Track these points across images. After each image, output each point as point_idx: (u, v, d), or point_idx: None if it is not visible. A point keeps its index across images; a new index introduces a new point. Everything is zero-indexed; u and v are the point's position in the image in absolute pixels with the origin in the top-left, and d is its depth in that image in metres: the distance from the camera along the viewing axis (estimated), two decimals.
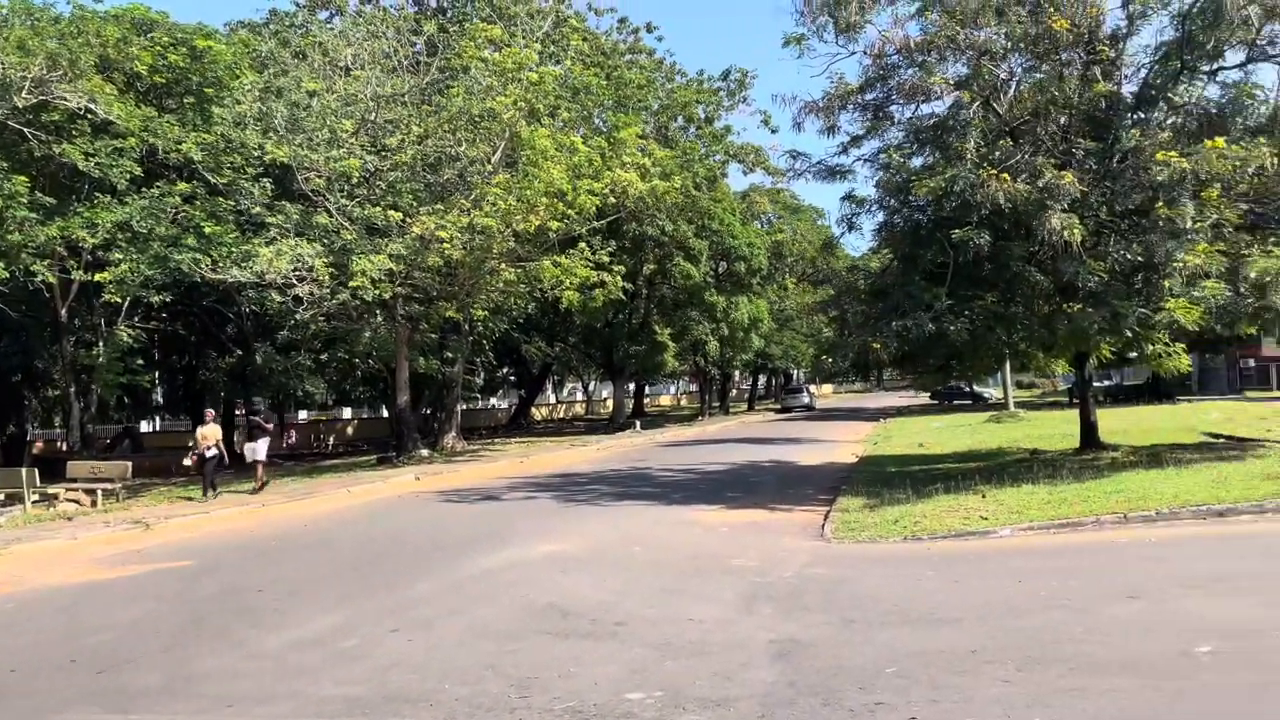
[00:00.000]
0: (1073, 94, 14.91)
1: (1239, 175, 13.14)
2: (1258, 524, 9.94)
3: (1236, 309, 13.41)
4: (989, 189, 13.52)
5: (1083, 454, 17.52)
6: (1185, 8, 14.46)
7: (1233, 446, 17.36)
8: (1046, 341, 15.45)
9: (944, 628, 6.73)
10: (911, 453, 23.23)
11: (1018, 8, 15.09)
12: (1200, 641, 5.71)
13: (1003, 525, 10.79)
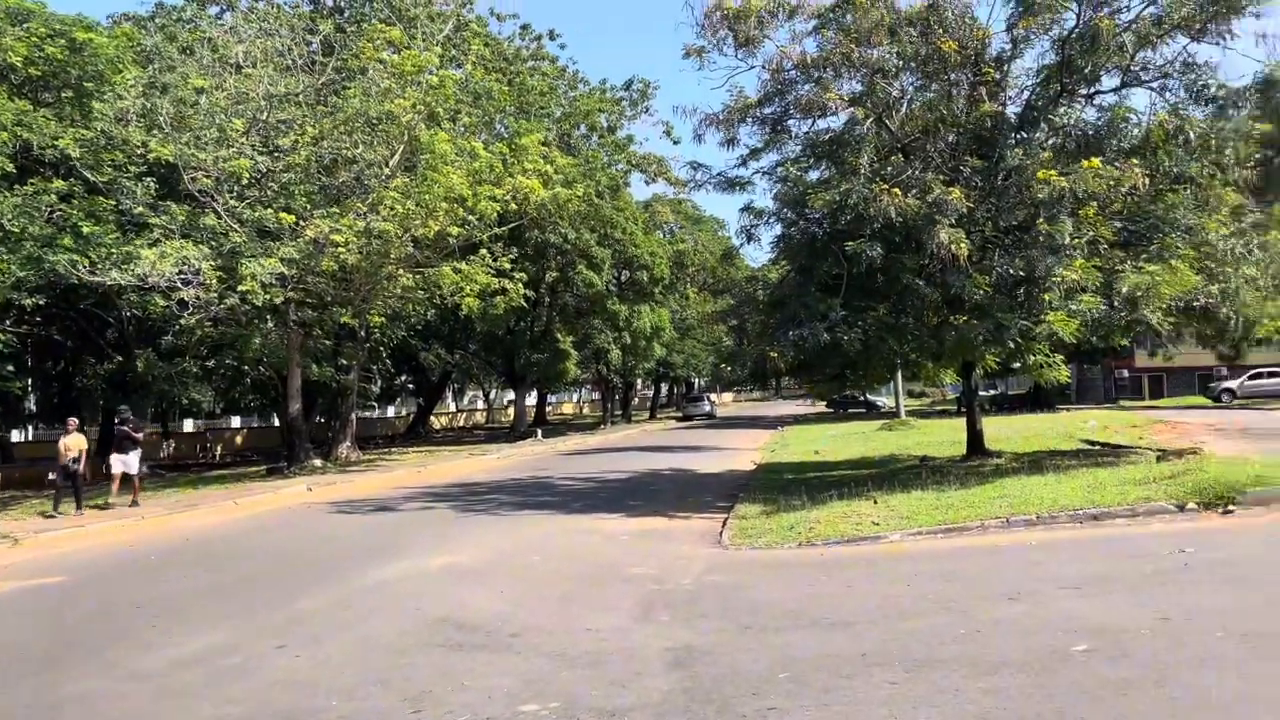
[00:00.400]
0: (960, 113, 15.47)
1: (1113, 194, 13.82)
2: (1130, 527, 10.43)
3: (1111, 322, 14.06)
4: (881, 203, 13.91)
5: (969, 460, 18.13)
6: (1065, 33, 15.17)
7: (1108, 453, 18.21)
8: (935, 352, 15.96)
9: (836, 632, 6.85)
10: (808, 460, 23.67)
11: (909, 28, 15.60)
12: (1076, 641, 5.94)
13: (893, 530, 11.07)
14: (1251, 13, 14.12)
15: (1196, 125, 14.45)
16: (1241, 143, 14.98)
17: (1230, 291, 14.23)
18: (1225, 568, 7.83)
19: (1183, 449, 16.82)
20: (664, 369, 59.28)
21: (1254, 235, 15.44)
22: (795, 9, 16.33)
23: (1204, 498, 11.04)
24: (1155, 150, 14.51)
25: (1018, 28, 15.40)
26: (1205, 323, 15.33)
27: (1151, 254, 14.51)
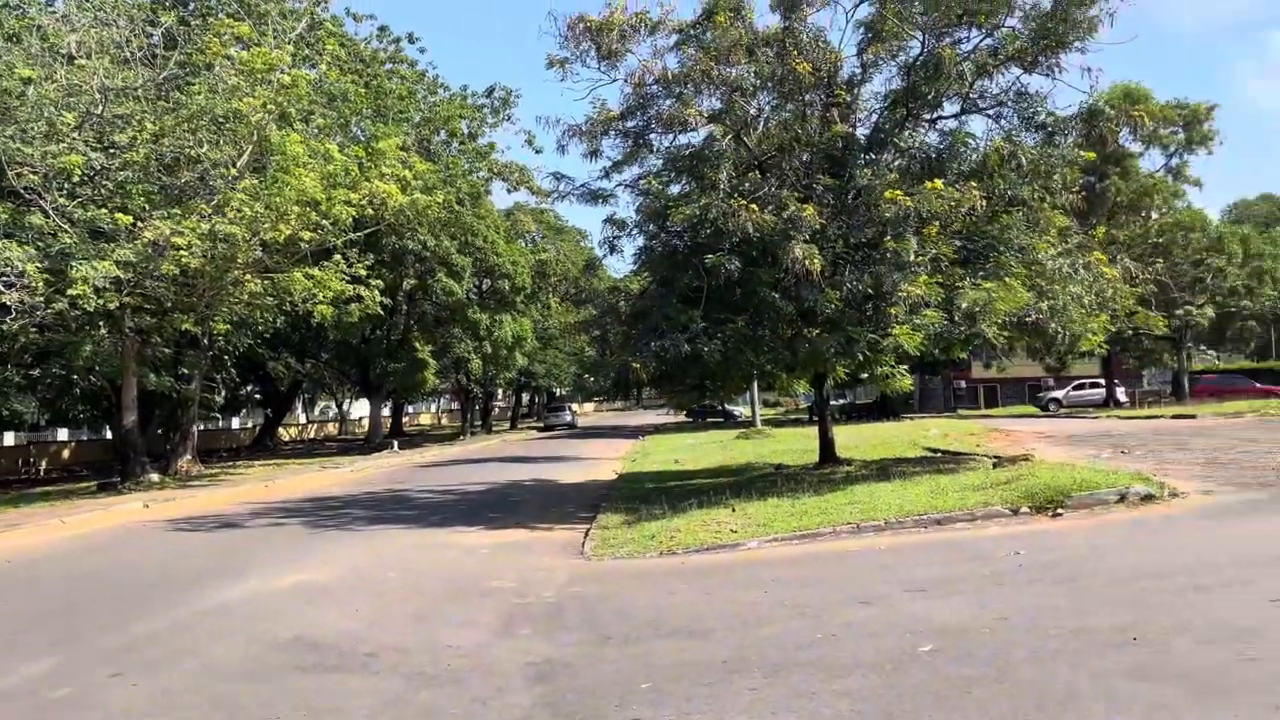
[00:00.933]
0: (814, 133, 16.02)
1: (954, 214, 14.57)
2: (970, 531, 11.00)
3: (951, 335, 14.80)
4: (739, 218, 14.25)
5: (822, 468, 18.74)
6: (911, 60, 15.94)
7: (948, 459, 19.17)
8: (790, 363, 16.43)
9: (697, 640, 6.93)
10: (668, 469, 23.95)
11: (766, 49, 16.07)
12: (923, 641, 6.21)
13: (751, 538, 11.31)
14: (1077, 48, 15.18)
15: (1028, 151, 15.42)
16: (1068, 169, 16.05)
17: (1058, 308, 15.20)
18: (1056, 568, 8.34)
19: (1016, 456, 17.85)
20: (526, 379, 58.86)
21: (1079, 255, 16.57)
22: (657, 25, 16.56)
23: (1036, 502, 11.75)
24: (992, 174, 15.39)
25: (867, 53, 16.09)
26: (1035, 337, 16.34)
27: (988, 272, 15.37)
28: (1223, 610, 6.30)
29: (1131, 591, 7.11)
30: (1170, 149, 48.10)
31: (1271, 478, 13.22)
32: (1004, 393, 66.68)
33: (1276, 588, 6.72)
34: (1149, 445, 19.83)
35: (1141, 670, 5.21)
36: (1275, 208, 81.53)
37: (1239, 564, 7.73)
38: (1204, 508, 11.14)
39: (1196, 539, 9.30)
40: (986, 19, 15.34)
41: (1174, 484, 12.69)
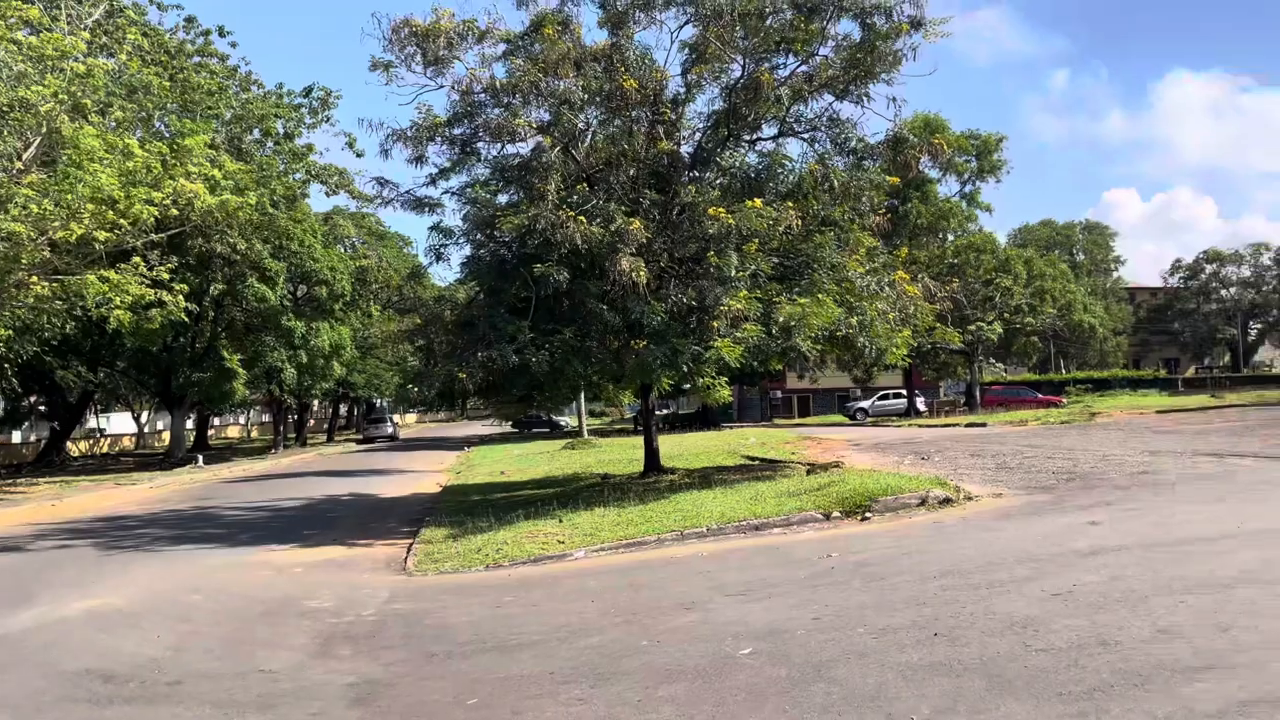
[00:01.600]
0: (640, 149, 16.33)
1: (772, 232, 15.19)
2: (786, 535, 11.46)
3: (769, 348, 15.36)
4: (568, 230, 14.33)
5: (647, 477, 19.03)
6: (732, 83, 16.52)
7: (766, 467, 19.89)
8: (617, 374, 16.64)
9: (524, 652, 6.90)
10: (494, 480, 23.69)
11: (594, 64, 16.26)
12: (743, 645, 6.42)
13: (578, 548, 11.37)
14: (884, 78, 16.17)
15: (840, 175, 16.27)
16: (875, 192, 17.03)
17: (866, 323, 16.08)
18: (865, 569, 8.81)
19: (828, 463, 18.75)
20: (344, 389, 56.78)
21: (885, 274, 17.59)
22: (484, 33, 16.47)
23: (845, 506, 12.39)
24: (807, 195, 16.15)
25: (691, 73, 16.55)
26: (845, 350, 17.21)
27: (803, 288, 16.08)
28: (1012, 604, 6.84)
29: (931, 589, 7.60)
30: (965, 176, 51.94)
31: (1052, 481, 14.45)
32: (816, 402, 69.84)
33: (1057, 583, 7.36)
34: (946, 452, 21.25)
35: (943, 664, 5.58)
36: (1054, 232, 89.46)
37: (1025, 561, 8.41)
38: (995, 509, 12.05)
39: (988, 539, 10.05)
40: (803, 47, 16.11)
41: (969, 488, 13.68)
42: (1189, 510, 10.43)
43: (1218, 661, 5.06)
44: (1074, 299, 57.48)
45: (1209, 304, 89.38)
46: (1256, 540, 8.28)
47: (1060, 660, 5.39)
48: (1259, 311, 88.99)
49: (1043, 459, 17.83)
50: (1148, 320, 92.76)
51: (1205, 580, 6.94)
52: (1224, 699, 4.51)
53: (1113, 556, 8.18)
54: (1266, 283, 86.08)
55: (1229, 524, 9.25)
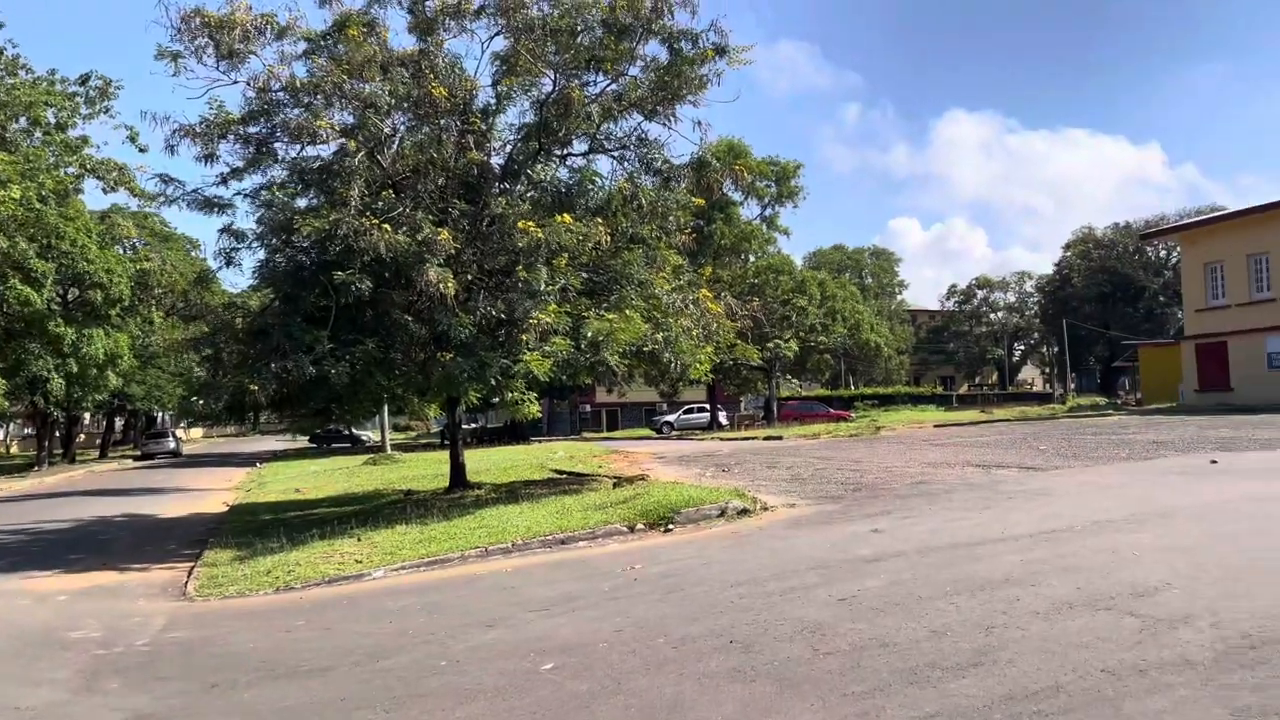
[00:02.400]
0: (449, 158, 16.06)
1: (582, 247, 15.28)
2: (591, 549, 11.52)
3: (578, 362, 15.45)
4: (371, 237, 13.88)
5: (452, 493, 18.67)
6: (543, 97, 16.54)
7: (573, 481, 19.95)
8: (422, 387, 16.25)
9: (314, 679, 6.58)
10: (288, 499, 22.57)
11: (401, 68, 15.87)
12: (545, 660, 6.39)
13: (377, 567, 10.98)
14: (690, 101, 16.65)
15: (648, 193, 16.60)
16: (681, 212, 17.49)
17: (671, 339, 16.45)
18: (666, 580, 8.98)
19: (634, 476, 19.03)
20: (121, 401, 52.57)
21: (690, 291, 18.07)
22: (285, 29, 15.76)
23: (650, 519, 12.60)
24: (616, 212, 16.38)
25: (502, 84, 16.46)
26: (652, 365, 17.55)
27: (612, 303, 16.28)
28: (803, 610, 7.15)
29: (729, 598, 7.84)
30: (765, 200, 54.33)
31: (841, 491, 15.25)
32: (624, 416, 70.88)
33: (843, 588, 7.76)
34: (745, 464, 22.03)
35: (739, 670, 5.75)
36: (845, 256, 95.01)
37: (815, 568, 8.82)
38: (788, 519, 12.58)
39: (781, 547, 10.47)
40: (612, 66, 16.34)
41: (765, 499, 14.22)
42: (960, 518, 11.26)
43: (982, 659, 5.47)
44: (862, 319, 61.18)
45: (980, 326, 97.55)
46: (1018, 544, 9.04)
47: (845, 662, 5.68)
48: (1022, 334, 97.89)
49: (833, 470, 18.80)
50: (927, 340, 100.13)
51: (973, 582, 7.51)
52: (987, 693, 4.88)
53: (892, 563, 8.71)
54: (1029, 308, 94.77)
55: (994, 530, 10.05)
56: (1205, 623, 5.76)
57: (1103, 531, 9.39)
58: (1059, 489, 13.46)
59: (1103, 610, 6.30)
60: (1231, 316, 39.27)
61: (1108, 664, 5.15)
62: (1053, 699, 4.70)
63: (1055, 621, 6.14)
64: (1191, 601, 6.32)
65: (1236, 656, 5.08)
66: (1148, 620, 5.95)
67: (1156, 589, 6.75)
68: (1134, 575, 7.25)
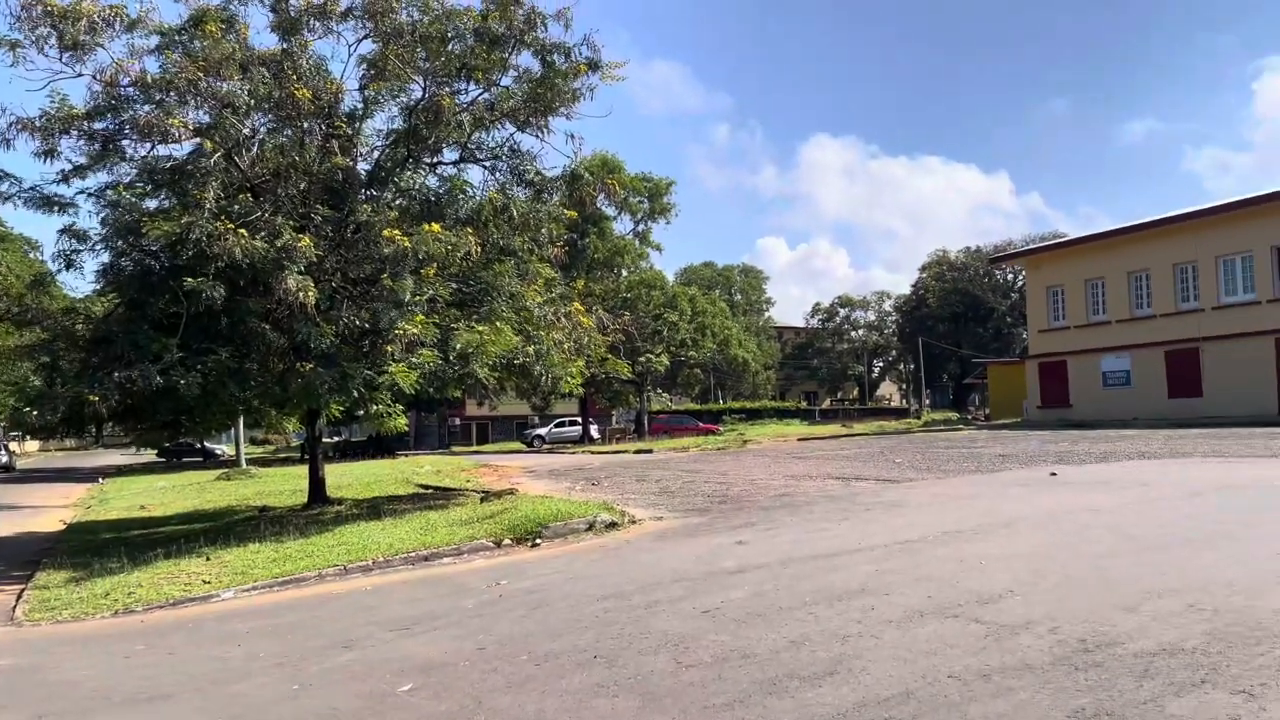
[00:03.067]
0: (313, 162, 15.53)
1: (451, 258, 15.01)
2: (456, 565, 11.29)
3: (446, 375, 15.17)
4: (227, 242, 13.28)
5: (310, 509, 18.02)
6: (413, 103, 16.23)
7: (440, 496, 19.57)
8: (280, 398, 15.62)
9: (155, 706, 6.20)
10: (132, 516, 21.32)
11: (262, 68, 15.29)
12: (404, 681, 6.20)
13: (226, 588, 10.48)
14: (563, 114, 16.64)
15: (520, 205, 16.47)
16: (554, 224, 17.43)
17: (542, 352, 16.35)
18: (532, 595, 8.88)
19: (503, 490, 18.81)
20: None
21: (561, 305, 18.03)
22: (136, 22, 14.97)
23: (517, 534, 12.46)
24: (487, 222, 16.18)
25: (370, 89, 16.07)
26: (523, 378, 17.38)
27: (483, 315, 16.08)
28: (667, 623, 7.18)
29: (594, 612, 7.80)
30: (639, 216, 54.89)
31: (707, 504, 15.45)
32: (495, 429, 70.11)
33: (707, 600, 7.84)
34: (615, 477, 22.09)
35: (602, 686, 5.72)
36: (715, 273, 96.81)
37: (680, 581, 8.88)
38: (656, 532, 12.66)
39: (648, 560, 10.52)
40: (484, 76, 16.17)
41: (633, 512, 14.28)
42: (821, 529, 11.57)
43: (838, 667, 5.61)
44: (731, 335, 62.45)
45: (842, 344, 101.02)
46: (874, 555, 9.34)
47: (707, 674, 5.72)
48: (881, 351, 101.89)
49: (700, 483, 19.05)
50: (792, 356, 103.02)
51: (832, 592, 7.71)
52: (841, 701, 5.00)
53: (755, 574, 8.86)
54: (887, 326, 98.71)
55: (852, 540, 10.36)
56: (1044, 628, 6.07)
57: (952, 541, 9.80)
58: (913, 501, 14.00)
59: (951, 618, 6.56)
60: (1071, 337, 41.91)
61: (954, 669, 5.35)
62: (903, 705, 4.85)
63: (907, 629, 6.35)
64: (1032, 608, 6.65)
65: (1073, 660, 5.36)
66: (992, 627, 6.22)
67: (1000, 596, 7.07)
68: (980, 583, 7.59)
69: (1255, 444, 20.91)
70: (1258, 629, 5.68)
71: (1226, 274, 36.34)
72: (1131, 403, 38.16)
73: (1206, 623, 5.90)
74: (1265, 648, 5.31)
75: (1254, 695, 4.56)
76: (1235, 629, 5.72)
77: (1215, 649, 5.34)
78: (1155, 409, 36.84)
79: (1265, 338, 34.27)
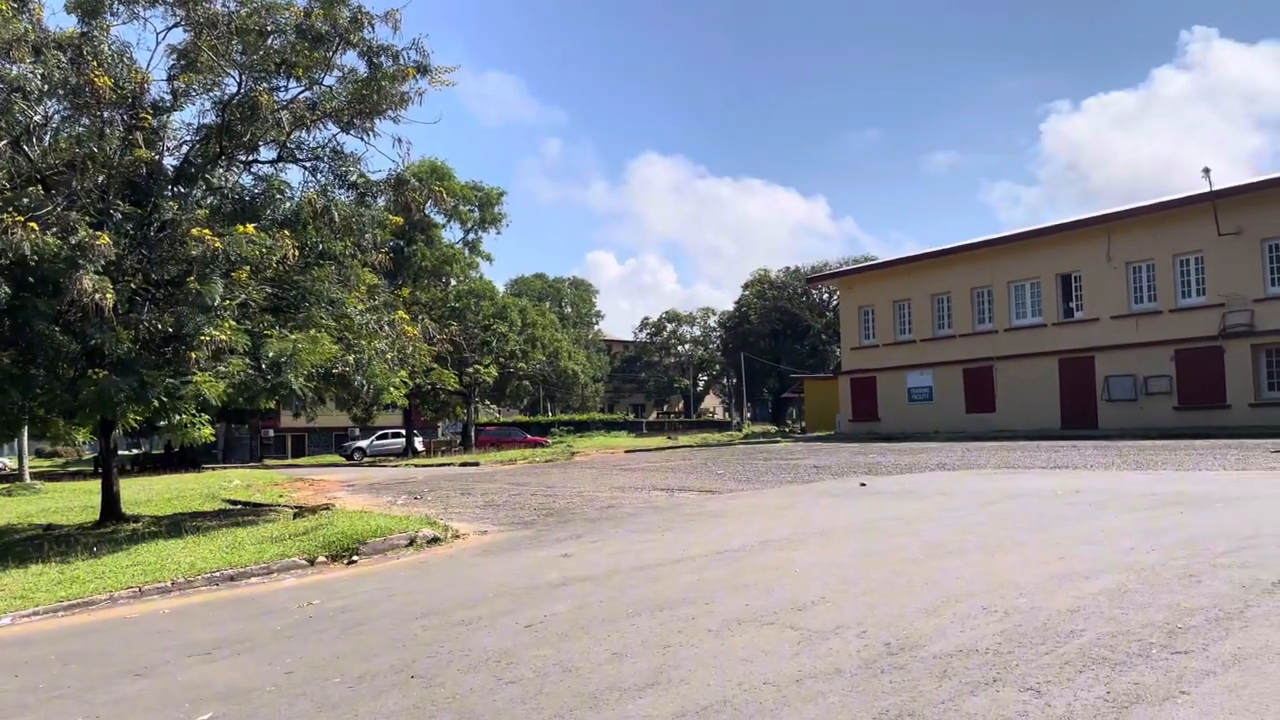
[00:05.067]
0: (114, 154, 14.49)
1: (266, 261, 14.33)
2: (265, 584, 10.72)
3: (257, 385, 14.42)
4: (14, 237, 12.17)
5: (103, 527, 16.73)
6: (227, 98, 15.41)
7: (249, 512, 18.58)
8: (70, 407, 14.41)
9: None
10: None
11: (58, 52, 14.14)
12: (202, 709, 5.81)
13: (3, 614, 9.54)
14: (390, 117, 16.22)
15: (342, 208, 15.93)
16: (378, 229, 16.95)
17: (364, 361, 15.83)
18: (346, 614, 8.53)
19: (318, 505, 18.04)
20: None
21: (386, 313, 17.52)
22: None
23: (332, 550, 11.97)
24: (306, 225, 15.56)
25: (179, 80, 15.16)
26: (342, 388, 16.76)
27: (299, 322, 15.40)
28: (489, 639, 7.06)
29: (413, 630, 7.58)
30: (469, 224, 54.17)
31: (533, 517, 15.36)
32: (312, 441, 67.29)
33: (530, 614, 7.76)
34: (440, 490, 21.64)
35: (418, 707, 5.54)
36: (546, 285, 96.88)
37: (503, 595, 8.77)
38: (480, 546, 12.46)
39: (471, 575, 10.33)
40: (305, 73, 15.58)
41: (457, 526, 14.01)
42: (645, 540, 11.71)
43: (659, 678, 5.67)
44: (561, 347, 62.58)
45: (669, 357, 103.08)
46: (695, 564, 9.53)
47: (527, 690, 5.66)
48: (706, 365, 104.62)
49: (527, 496, 18.93)
50: (621, 369, 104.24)
51: (654, 603, 7.80)
52: (661, 712, 5.05)
53: (579, 586, 8.85)
54: (712, 341, 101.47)
55: (675, 551, 10.54)
56: (853, 633, 6.35)
57: (769, 550, 10.13)
58: (733, 511, 14.41)
59: (767, 625, 6.76)
60: (880, 354, 44.40)
61: (770, 676, 5.51)
62: (720, 713, 4.95)
63: (725, 638, 6.50)
64: (842, 613, 6.95)
65: (880, 663, 5.62)
66: (805, 633, 6.46)
67: (813, 603, 7.36)
68: (794, 591, 7.87)
69: (1040, 456, 22.75)
70: (1043, 629, 6.15)
71: (1017, 298, 39.47)
72: (934, 416, 40.77)
73: (999, 624, 6.34)
74: (1049, 646, 5.75)
75: (1040, 692, 4.92)
76: (1023, 629, 6.17)
77: (1006, 649, 5.74)
78: (954, 423, 39.51)
79: (1049, 358, 37.42)
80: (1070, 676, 5.13)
